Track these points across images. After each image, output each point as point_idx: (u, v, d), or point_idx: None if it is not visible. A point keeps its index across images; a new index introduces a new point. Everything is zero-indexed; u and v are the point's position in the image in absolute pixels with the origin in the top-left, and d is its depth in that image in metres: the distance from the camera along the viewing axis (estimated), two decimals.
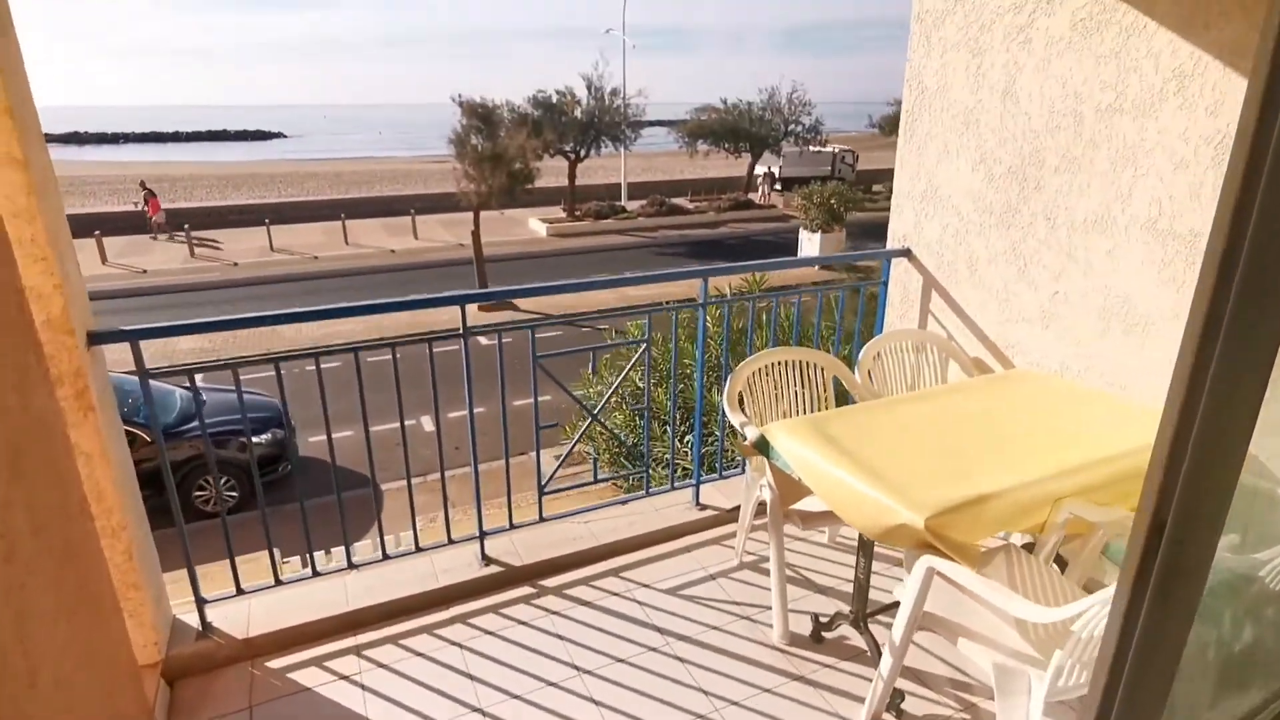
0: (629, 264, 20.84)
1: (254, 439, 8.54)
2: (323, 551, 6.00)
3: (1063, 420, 2.30)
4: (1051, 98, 2.52)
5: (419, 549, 2.90)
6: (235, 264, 20.59)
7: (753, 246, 23.51)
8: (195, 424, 8.55)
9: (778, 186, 30.50)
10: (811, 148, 30.78)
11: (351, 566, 2.75)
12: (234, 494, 8.63)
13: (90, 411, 2.04)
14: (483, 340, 14.83)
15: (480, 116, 14.91)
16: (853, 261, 7.70)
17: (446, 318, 15.63)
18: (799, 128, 29.46)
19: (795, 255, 20.55)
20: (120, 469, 2.19)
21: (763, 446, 2.28)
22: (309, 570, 2.72)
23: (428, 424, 10.76)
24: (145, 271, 19.77)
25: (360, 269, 20.09)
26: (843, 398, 2.98)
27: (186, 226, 22.62)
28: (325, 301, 17.19)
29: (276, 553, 2.72)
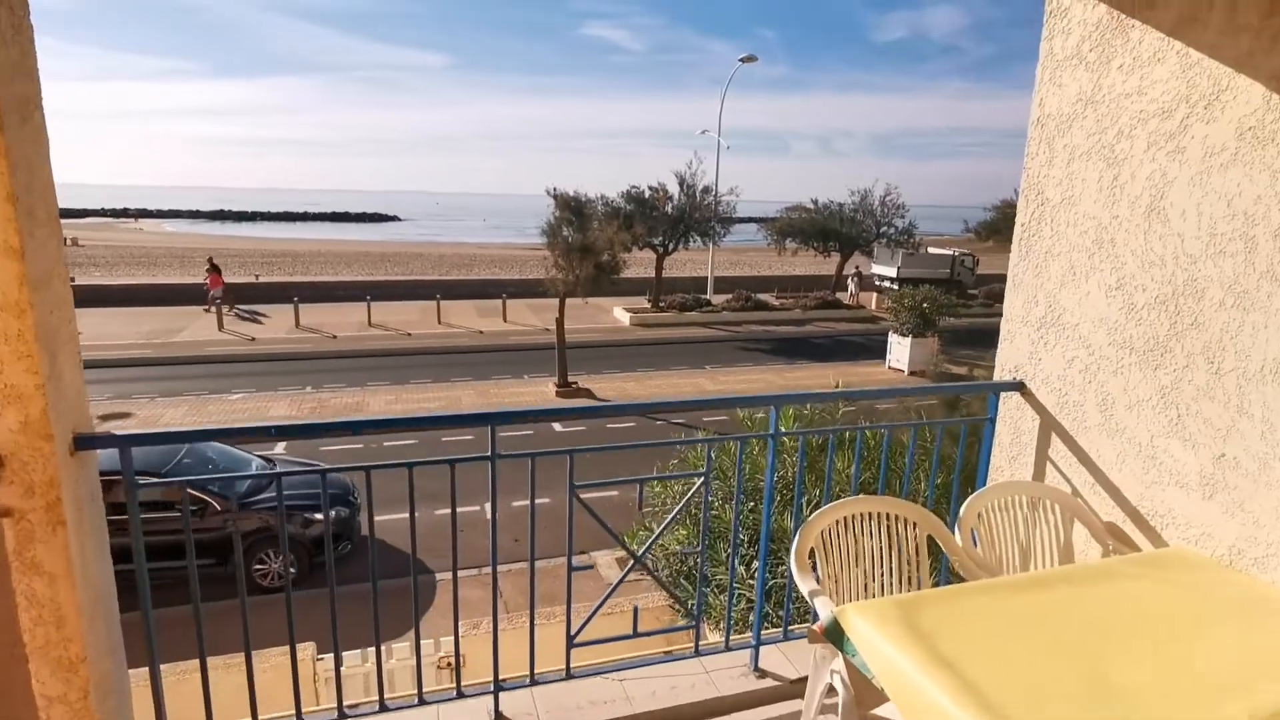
0: (710, 357, 20.56)
1: (318, 515, 8.48)
2: (356, 652, 5.67)
3: (1252, 633, 1.73)
4: (1213, 218, 2.06)
5: (421, 700, 2.50)
6: (334, 336, 21.60)
7: (839, 346, 22.84)
8: (264, 496, 8.59)
9: (894, 285, 29.90)
10: (931, 249, 30.59)
11: (342, 716, 2.37)
12: (292, 569, 8.52)
13: (60, 526, 1.81)
14: (557, 427, 14.69)
15: (573, 209, 15.32)
16: (956, 393, 6.95)
17: (526, 400, 15.62)
18: (892, 230, 29.06)
19: (884, 357, 19.75)
20: (92, 591, 1.94)
21: (835, 634, 1.81)
22: None
23: (488, 511, 10.44)
24: (254, 339, 20.99)
25: (448, 348, 20.65)
26: (935, 557, 2.46)
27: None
28: (409, 375, 17.68)
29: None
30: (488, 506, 9.22)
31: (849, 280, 30.31)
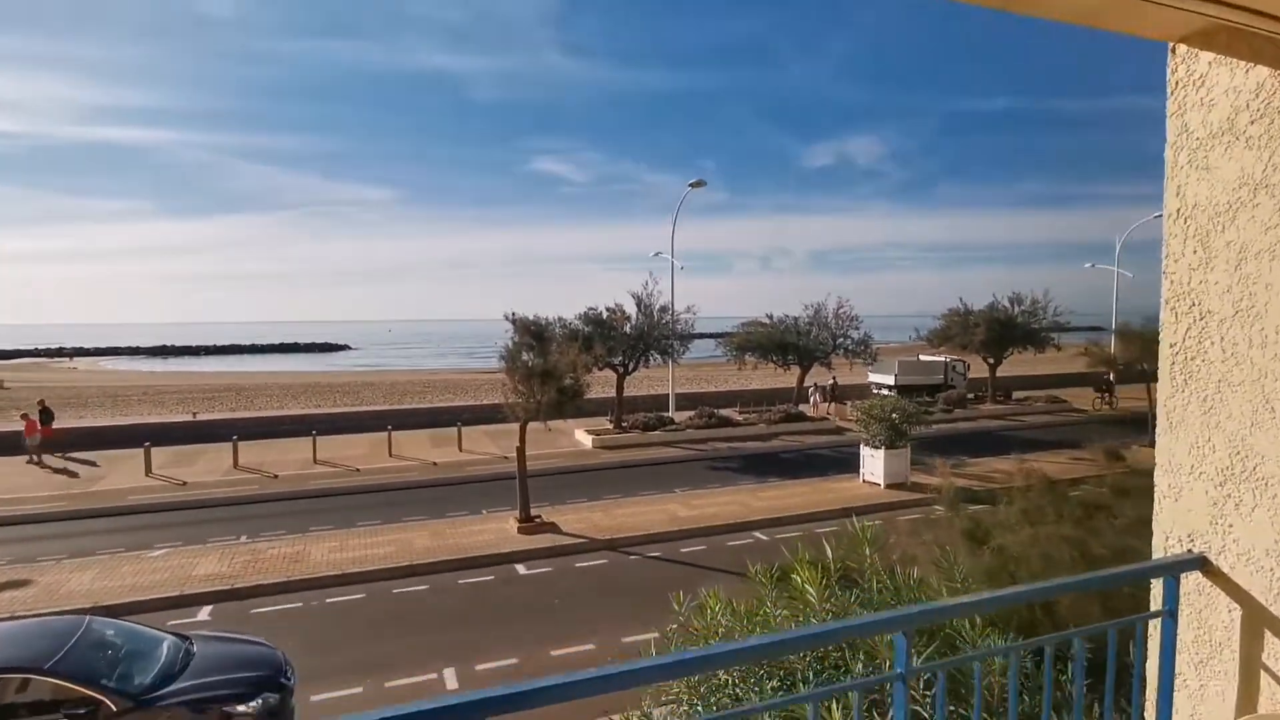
0: (679, 478, 19.64)
1: (241, 708, 7.07)
2: None
3: None
4: None
5: None
6: (275, 476, 20.05)
7: (809, 460, 22.21)
8: (178, 685, 7.18)
9: (894, 392, 30.49)
10: (923, 356, 32.41)
11: None
12: None
13: None
14: (520, 569, 13.41)
15: (532, 333, 14.77)
16: (1123, 582, 5.51)
17: (485, 540, 14.36)
18: (848, 341, 29.38)
19: (857, 470, 19.13)
20: None
21: None
22: None
23: (450, 679, 9.09)
24: (185, 484, 19.30)
25: (400, 484, 19.30)
26: None
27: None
28: (357, 516, 16.24)
29: None
30: (448, 672, 7.79)
31: (809, 391, 30.26)
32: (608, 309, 25.26)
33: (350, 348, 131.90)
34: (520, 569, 13.21)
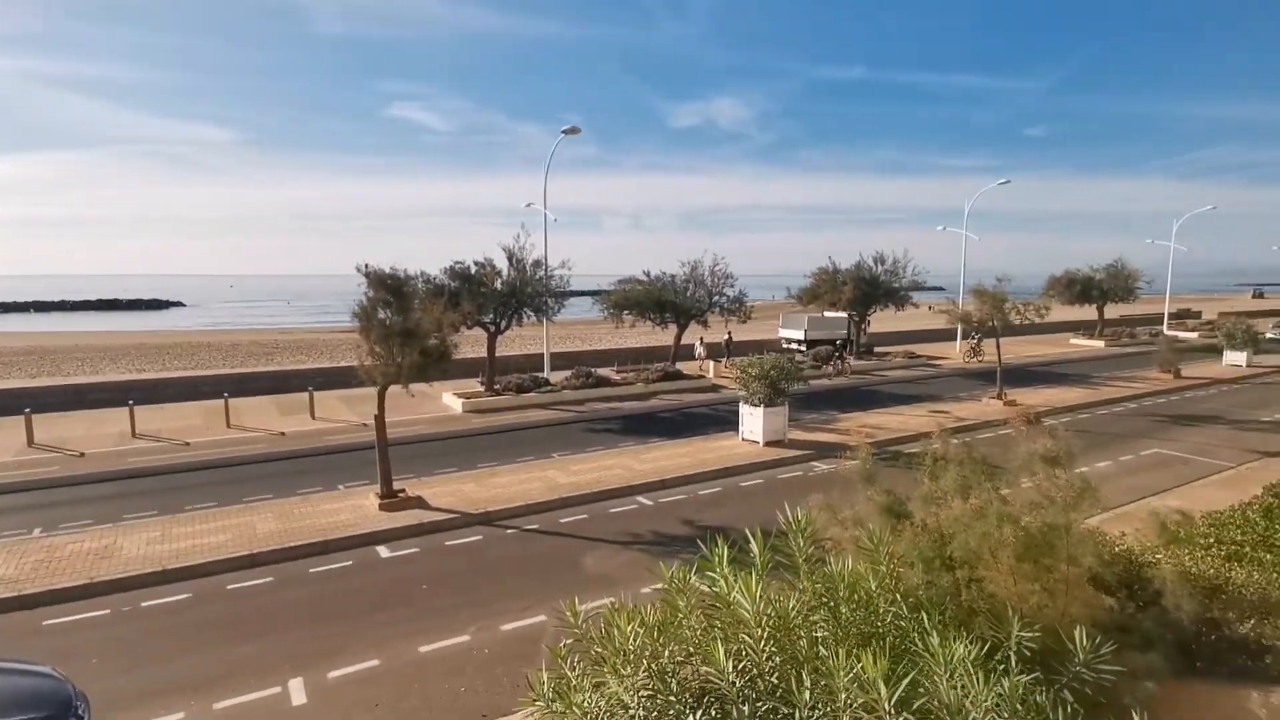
0: (557, 442, 18.72)
1: None
2: None
3: None
4: None
5: None
6: (81, 455, 17.15)
7: (689, 420, 21.95)
8: None
9: (802, 347, 33.99)
10: (827, 313, 34.22)
11: None
12: None
13: None
14: (383, 551, 12.03)
15: (389, 288, 13.09)
16: None
17: (341, 520, 12.83)
18: (724, 299, 29.33)
19: (736, 428, 19.02)
20: None
21: None
22: None
23: (297, 693, 7.78)
24: None
25: (241, 458, 17.06)
26: None
27: None
28: (187, 499, 14.08)
29: None
30: (294, 684, 6.39)
31: (695, 348, 30.28)
32: (477, 263, 23.54)
33: (183, 305, 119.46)
34: (383, 551, 11.85)
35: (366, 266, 13.64)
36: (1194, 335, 43.52)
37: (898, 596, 4.24)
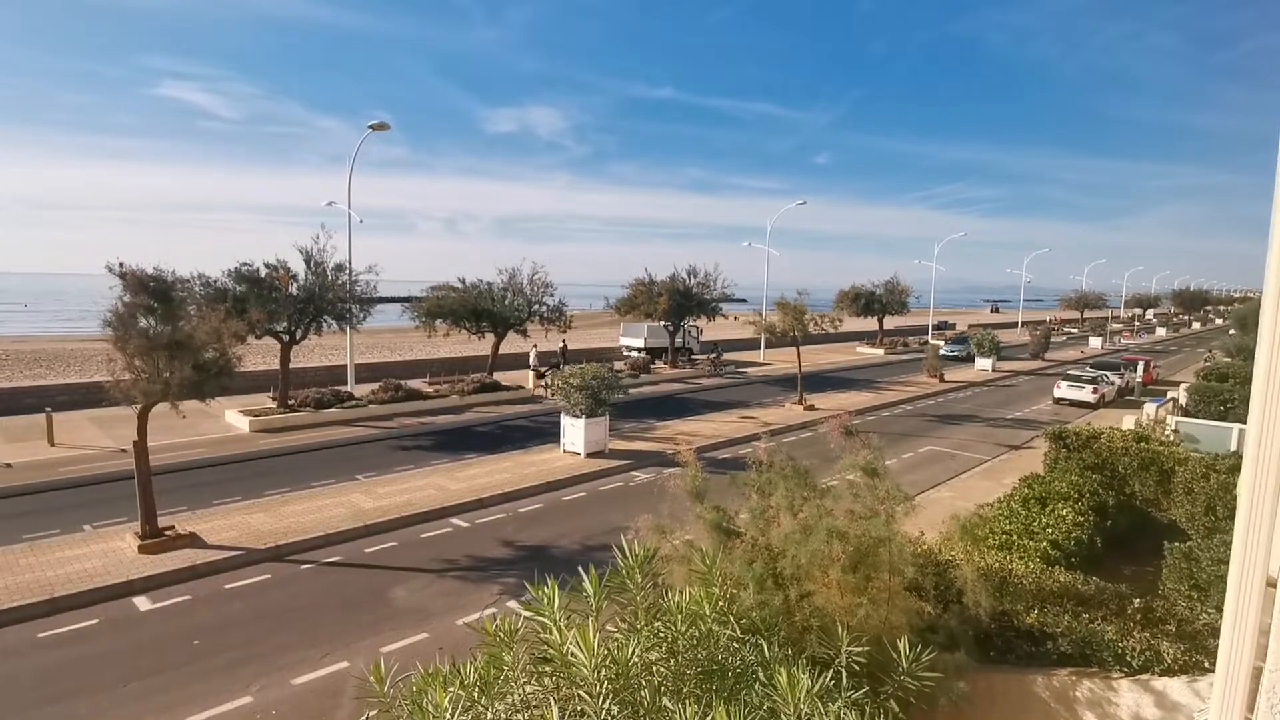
0: (362, 462, 17.16)
1: None
2: None
3: None
4: None
5: None
6: None
7: (507, 432, 21.21)
8: None
9: (642, 354, 36.37)
10: (661, 323, 35.31)
11: None
12: None
13: None
14: (142, 603, 10.13)
15: (152, 292, 11.14)
16: None
17: (86, 569, 10.69)
18: (543, 308, 28.87)
19: (558, 440, 18.66)
20: None
21: None
22: None
23: None
24: None
25: None
26: None
27: None
28: None
29: None
30: None
31: (530, 357, 29.62)
32: (268, 265, 21.12)
33: None
34: (142, 603, 9.98)
35: (121, 266, 11.54)
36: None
37: (732, 619, 4.09)
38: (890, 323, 53.65)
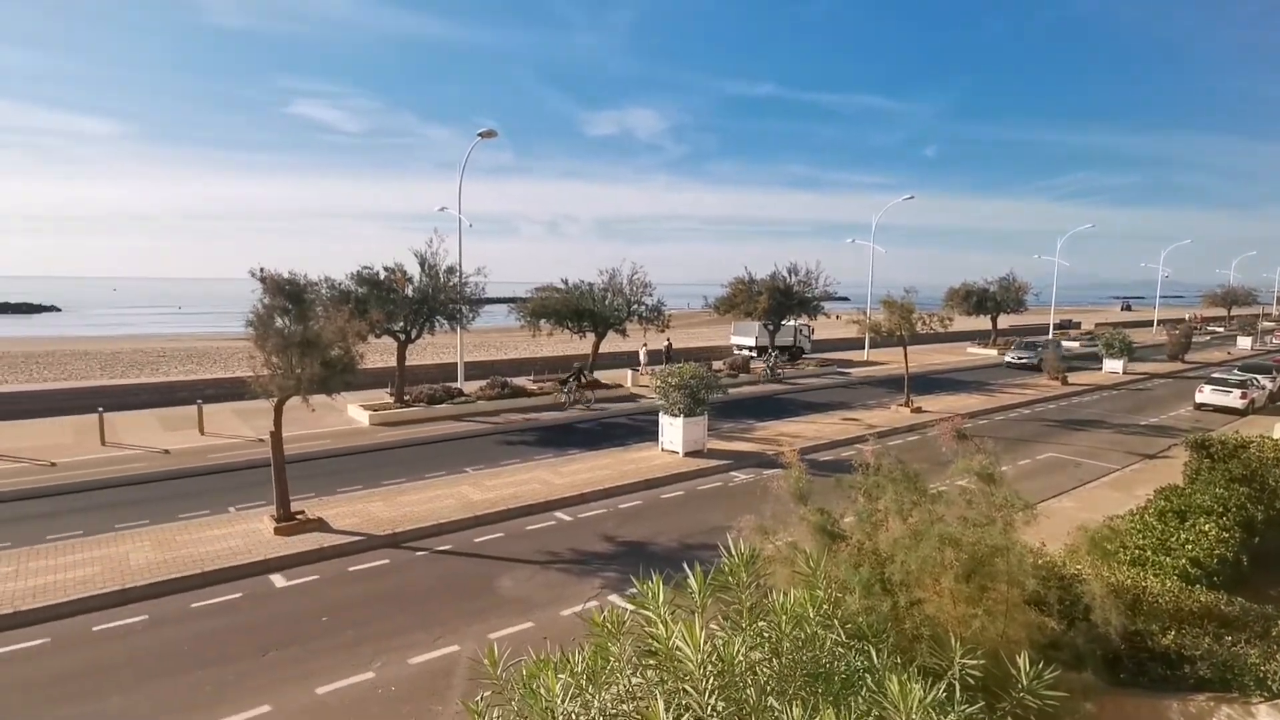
0: (471, 456, 17.96)
1: None
2: None
3: None
4: None
5: None
6: None
7: (607, 430, 21.59)
8: None
9: (753, 354, 36.65)
10: (761, 322, 34.92)
11: None
12: None
13: None
14: (278, 581, 11.05)
15: (288, 294, 12.13)
16: None
17: (231, 547, 11.74)
18: (642, 307, 29.15)
19: (656, 439, 18.81)
20: None
21: None
22: None
23: None
24: None
25: (113, 480, 15.45)
26: None
27: None
28: (46, 529, 12.56)
29: None
30: None
31: (640, 353, 30.35)
32: (387, 268, 22.44)
33: (58, 310, 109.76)
34: (278, 580, 10.89)
35: (262, 271, 12.62)
36: (1076, 345, 46.70)
37: (836, 623, 4.02)
38: (1005, 322, 50.72)
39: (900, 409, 24.56)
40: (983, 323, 47.93)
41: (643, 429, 21.05)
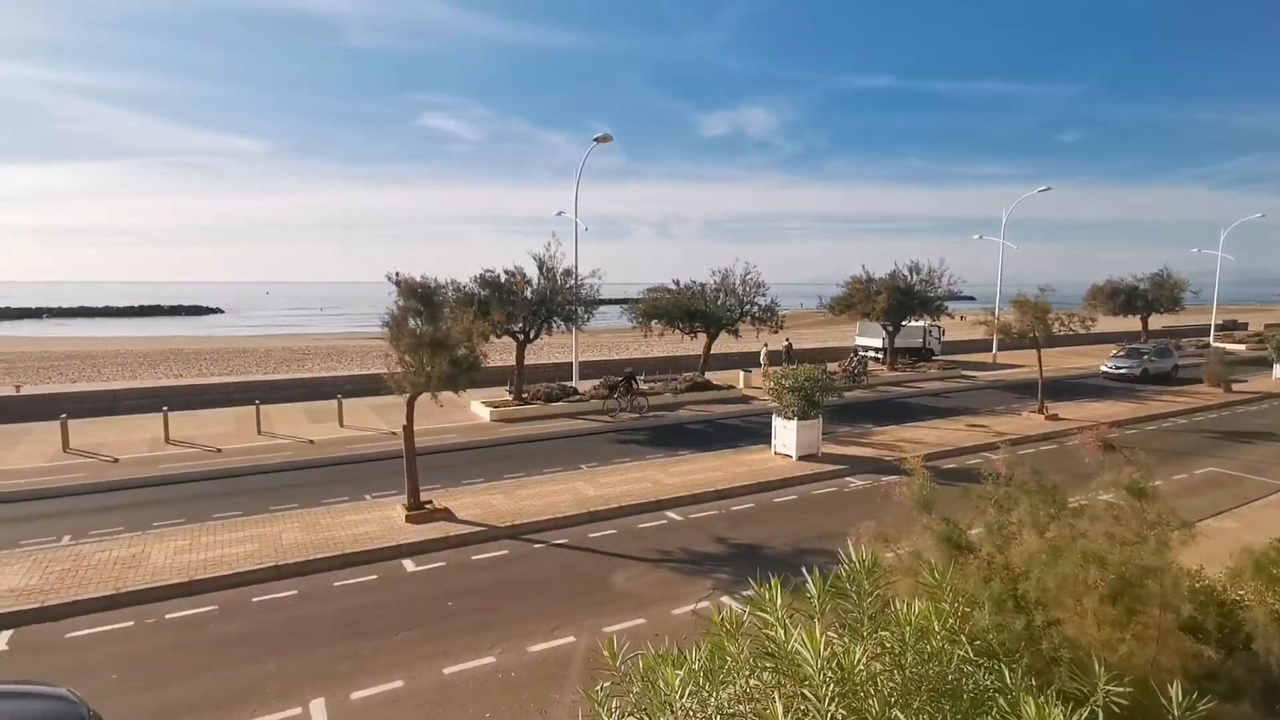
0: (585, 453, 18.44)
1: None
2: None
3: None
4: None
5: None
6: (115, 460, 17.26)
7: (718, 431, 21.53)
8: None
9: (878, 356, 35.37)
10: (880, 322, 33.73)
11: None
12: None
13: None
14: (409, 565, 11.81)
15: (419, 297, 12.94)
16: None
17: (368, 531, 12.65)
18: (754, 308, 28.85)
19: (768, 441, 18.55)
20: None
21: None
22: None
23: (319, 715, 7.53)
24: None
25: (269, 465, 17.03)
26: None
27: None
28: (214, 508, 14.03)
29: None
30: (315, 705, 6.15)
31: (761, 355, 30.43)
32: (507, 271, 23.43)
33: (222, 311, 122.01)
34: (409, 565, 11.63)
35: (397, 275, 13.52)
36: (1242, 348, 41.98)
37: (964, 639, 3.84)
38: (1158, 322, 46.29)
39: (1033, 415, 22.97)
40: (1132, 324, 44.02)
41: (755, 431, 20.83)
